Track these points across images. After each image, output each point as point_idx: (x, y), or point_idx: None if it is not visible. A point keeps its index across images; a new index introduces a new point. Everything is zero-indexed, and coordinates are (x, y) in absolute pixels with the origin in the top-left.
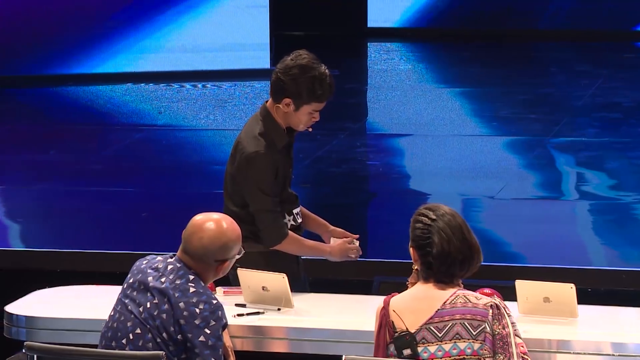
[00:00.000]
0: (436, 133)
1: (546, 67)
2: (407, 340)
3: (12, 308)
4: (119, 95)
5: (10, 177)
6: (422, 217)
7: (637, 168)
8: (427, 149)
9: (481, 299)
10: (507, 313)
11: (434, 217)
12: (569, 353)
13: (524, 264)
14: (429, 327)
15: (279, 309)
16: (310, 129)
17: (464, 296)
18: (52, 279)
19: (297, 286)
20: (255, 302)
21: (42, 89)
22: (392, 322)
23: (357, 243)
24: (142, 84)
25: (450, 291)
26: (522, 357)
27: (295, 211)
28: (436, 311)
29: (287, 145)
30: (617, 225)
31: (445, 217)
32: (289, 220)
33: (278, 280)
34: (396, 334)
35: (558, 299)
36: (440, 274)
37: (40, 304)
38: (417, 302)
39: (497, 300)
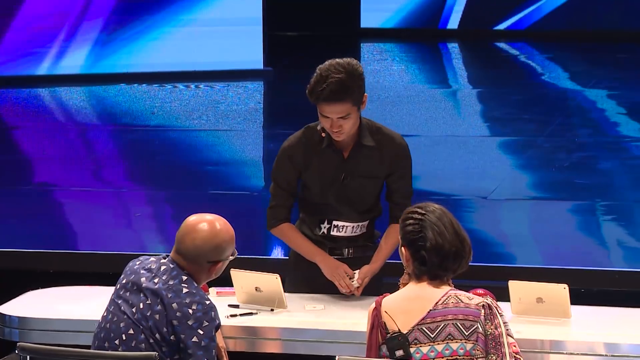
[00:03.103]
0: (429, 134)
1: (540, 67)
2: (399, 341)
3: (4, 309)
4: (111, 96)
5: (1, 177)
6: (413, 214)
7: (630, 168)
8: (420, 149)
9: (473, 299)
10: (499, 313)
11: (424, 212)
12: (562, 353)
13: (517, 265)
14: (421, 328)
15: (272, 310)
16: (335, 137)
17: (456, 296)
18: (44, 280)
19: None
20: (248, 303)
21: (35, 89)
22: (384, 322)
23: (354, 281)
24: (135, 85)
25: (442, 291)
26: (514, 357)
27: (337, 223)
28: (428, 312)
29: (332, 147)
30: (610, 225)
31: (435, 213)
32: (323, 228)
33: (271, 281)
34: (388, 335)
35: (551, 300)
36: (435, 267)
37: (33, 305)
38: (409, 303)
39: (489, 300)
